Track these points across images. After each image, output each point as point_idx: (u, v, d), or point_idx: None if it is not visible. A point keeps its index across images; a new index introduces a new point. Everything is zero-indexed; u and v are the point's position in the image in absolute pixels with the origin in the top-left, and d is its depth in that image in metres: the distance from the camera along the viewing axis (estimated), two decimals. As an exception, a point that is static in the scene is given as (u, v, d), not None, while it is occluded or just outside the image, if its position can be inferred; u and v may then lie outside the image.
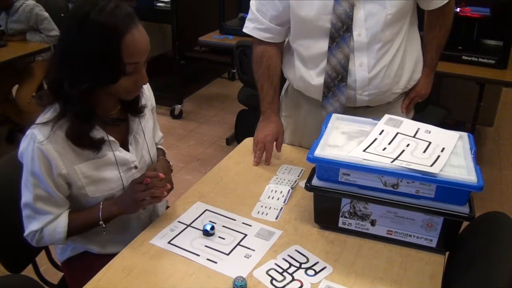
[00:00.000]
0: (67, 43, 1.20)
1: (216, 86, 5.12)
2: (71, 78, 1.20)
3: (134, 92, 1.31)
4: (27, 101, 3.45)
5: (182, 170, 3.39)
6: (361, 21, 1.54)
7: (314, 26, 1.57)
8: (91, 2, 1.17)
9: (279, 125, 1.78)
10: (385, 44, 1.57)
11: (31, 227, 1.32)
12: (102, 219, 1.33)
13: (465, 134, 1.41)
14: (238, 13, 3.96)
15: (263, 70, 1.74)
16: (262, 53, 1.73)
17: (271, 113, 1.77)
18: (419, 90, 1.79)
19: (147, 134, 1.47)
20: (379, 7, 1.52)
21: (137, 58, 1.21)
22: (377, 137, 1.38)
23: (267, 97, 1.76)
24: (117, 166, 1.36)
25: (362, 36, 1.55)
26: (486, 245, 1.21)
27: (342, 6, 1.51)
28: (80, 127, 1.25)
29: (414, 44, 1.71)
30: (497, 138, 3.96)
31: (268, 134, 1.73)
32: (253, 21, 1.71)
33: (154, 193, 1.31)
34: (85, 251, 1.48)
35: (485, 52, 2.91)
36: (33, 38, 3.56)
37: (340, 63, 1.58)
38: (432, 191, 1.23)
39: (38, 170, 1.24)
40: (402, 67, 1.66)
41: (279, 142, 1.76)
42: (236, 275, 1.18)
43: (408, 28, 1.63)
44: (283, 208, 1.48)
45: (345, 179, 1.29)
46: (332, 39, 1.56)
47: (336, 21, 1.53)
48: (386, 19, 1.53)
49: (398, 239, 1.32)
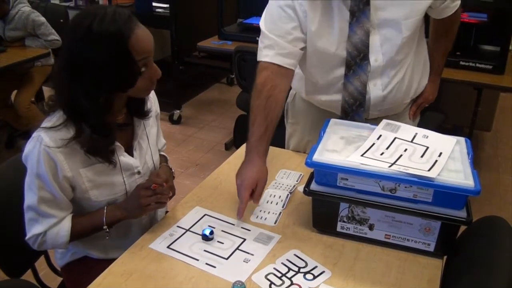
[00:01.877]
0: (74, 56, 1.20)
1: (215, 91, 5.13)
2: (86, 93, 1.20)
3: (151, 89, 1.33)
4: (26, 106, 3.46)
5: (181, 175, 3.40)
6: (377, 46, 1.52)
7: (330, 55, 1.55)
8: (90, 14, 1.18)
9: (261, 170, 1.45)
10: (399, 63, 1.57)
11: (33, 231, 1.32)
12: (106, 223, 1.34)
13: (462, 139, 1.42)
14: (237, 18, 3.97)
15: (261, 101, 1.49)
16: (265, 81, 1.50)
17: (255, 155, 1.46)
18: (426, 96, 1.78)
19: (151, 140, 1.48)
20: (394, 31, 1.50)
21: (146, 53, 1.23)
22: (375, 142, 1.39)
23: (256, 133, 1.47)
24: (121, 171, 1.37)
25: (378, 61, 1.54)
26: (484, 249, 1.22)
27: (358, 34, 1.49)
28: (100, 141, 1.26)
29: (422, 53, 1.70)
30: (495, 143, 3.97)
31: (245, 179, 1.42)
32: (273, 47, 1.51)
33: (160, 198, 1.33)
34: (85, 256, 1.49)
35: (483, 58, 2.92)
36: (32, 44, 3.57)
37: (358, 90, 1.57)
38: (430, 195, 1.23)
39: (44, 172, 1.24)
40: (412, 79, 1.65)
41: (257, 192, 1.43)
42: (235, 279, 1.18)
43: (417, 40, 1.61)
44: (282, 212, 1.49)
45: (343, 183, 1.30)
46: (348, 67, 1.54)
47: (352, 49, 1.51)
48: (402, 42, 1.51)
49: (396, 243, 1.32)
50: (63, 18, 3.99)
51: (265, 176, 1.46)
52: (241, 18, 3.86)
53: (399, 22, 1.48)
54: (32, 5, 3.62)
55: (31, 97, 3.56)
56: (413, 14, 1.49)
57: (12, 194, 1.37)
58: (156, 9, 4.37)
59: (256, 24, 3.63)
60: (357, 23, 1.48)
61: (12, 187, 1.38)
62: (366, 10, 1.46)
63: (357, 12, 1.47)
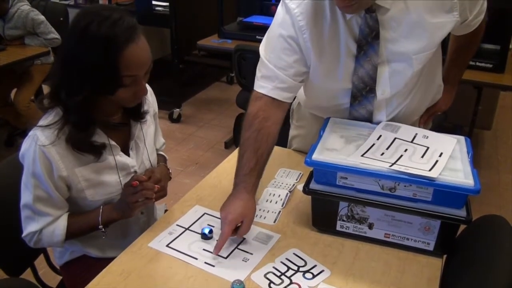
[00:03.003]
0: (67, 52, 1.21)
1: (214, 90, 5.12)
2: (68, 88, 1.21)
3: (134, 102, 1.31)
4: (26, 104, 3.45)
5: (180, 174, 3.39)
6: (385, 79, 1.42)
7: (335, 88, 1.49)
8: (95, 12, 1.17)
9: (248, 206, 1.35)
10: (406, 93, 1.49)
11: (29, 228, 1.32)
12: (101, 223, 1.34)
13: (462, 137, 1.42)
14: (237, 17, 3.97)
15: (251, 133, 1.39)
16: (257, 112, 1.40)
17: (243, 190, 1.36)
18: (440, 106, 1.70)
19: (147, 140, 1.48)
20: (405, 65, 1.38)
21: (135, 71, 1.21)
22: (375, 142, 1.39)
23: (245, 167, 1.38)
24: (117, 171, 1.37)
25: (385, 94, 1.45)
26: (483, 248, 1.21)
27: (365, 68, 1.40)
28: (79, 134, 1.26)
29: (436, 74, 1.60)
30: (495, 142, 3.97)
31: (229, 213, 1.31)
32: (272, 79, 1.41)
33: (145, 194, 1.30)
34: (84, 254, 1.49)
35: (483, 56, 2.91)
36: (32, 42, 3.56)
37: (363, 116, 1.53)
38: (429, 194, 1.23)
39: (40, 171, 1.25)
40: (421, 104, 1.58)
41: (242, 230, 1.33)
42: (234, 278, 1.18)
43: (431, 64, 1.48)
44: (281, 211, 1.48)
45: (342, 182, 1.30)
46: (354, 97, 1.48)
47: (358, 82, 1.43)
48: (412, 76, 1.41)
49: (395, 242, 1.32)
50: (63, 17, 3.98)
51: (253, 213, 1.36)
52: (241, 17, 3.86)
53: (410, 57, 1.36)
54: (32, 4, 3.61)
55: (30, 96, 3.55)
56: (427, 48, 1.37)
57: (11, 192, 1.37)
58: (156, 7, 4.36)
59: (256, 23, 3.66)
60: (364, 57, 1.38)
61: (11, 186, 1.38)
62: (375, 44, 1.35)
63: (365, 45, 1.36)
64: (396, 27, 1.34)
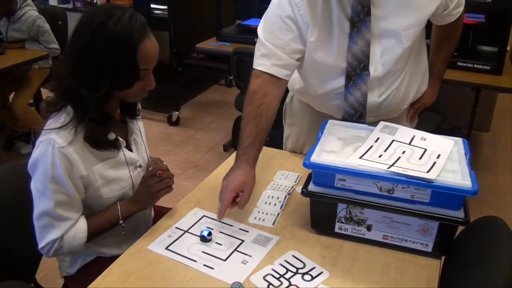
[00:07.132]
0: (82, 51, 1.23)
1: (213, 92, 5.13)
2: (88, 85, 1.23)
3: (141, 96, 1.36)
4: (23, 109, 3.45)
5: (179, 177, 3.39)
6: (377, 57, 1.50)
7: (329, 66, 1.53)
8: (106, 12, 1.21)
9: (248, 176, 1.43)
10: (396, 72, 1.56)
11: (49, 237, 1.30)
12: (122, 218, 1.38)
13: (459, 139, 1.43)
14: (235, 20, 3.98)
15: (252, 108, 1.48)
16: (258, 89, 1.49)
17: (244, 161, 1.44)
18: (425, 100, 1.77)
19: (143, 135, 1.53)
20: (395, 41, 1.47)
21: (149, 64, 1.28)
22: (373, 144, 1.39)
23: (247, 139, 1.46)
24: (127, 165, 1.41)
25: (378, 72, 1.52)
26: (482, 249, 1.22)
27: (358, 44, 1.47)
28: (98, 130, 1.28)
29: (422, 60, 1.68)
30: (493, 144, 3.98)
31: (231, 181, 1.40)
32: (270, 57, 1.50)
33: (168, 182, 1.39)
34: (97, 256, 1.49)
35: (481, 58, 2.93)
36: (32, 48, 3.56)
37: (358, 101, 1.56)
38: (427, 196, 1.24)
39: (61, 173, 1.24)
40: (409, 86, 1.64)
41: (242, 198, 1.40)
42: (233, 280, 1.18)
43: (417, 47, 1.58)
44: (280, 213, 1.49)
45: (341, 184, 1.30)
46: (348, 77, 1.53)
47: (352, 60, 1.49)
48: (402, 53, 1.49)
49: (394, 244, 1.32)
50: (61, 20, 3.98)
51: (252, 182, 1.43)
52: (239, 20, 3.87)
53: (399, 33, 1.45)
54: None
55: (28, 100, 3.55)
56: (414, 25, 1.47)
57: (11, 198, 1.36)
58: (154, 10, 4.37)
59: (254, 26, 3.66)
60: (358, 34, 1.46)
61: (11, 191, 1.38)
62: (367, 20, 1.44)
63: (358, 22, 1.44)
64: (385, 5, 1.44)
